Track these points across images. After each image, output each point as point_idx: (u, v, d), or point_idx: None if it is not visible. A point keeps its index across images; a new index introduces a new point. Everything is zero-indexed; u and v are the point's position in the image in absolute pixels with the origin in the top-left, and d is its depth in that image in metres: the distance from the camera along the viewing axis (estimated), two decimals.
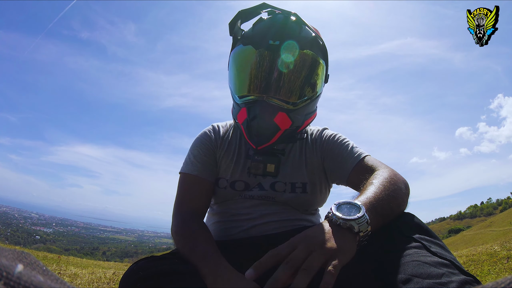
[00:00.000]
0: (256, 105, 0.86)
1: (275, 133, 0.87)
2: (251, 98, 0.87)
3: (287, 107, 0.87)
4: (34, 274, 0.29)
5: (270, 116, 0.86)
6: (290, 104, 0.87)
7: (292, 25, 0.88)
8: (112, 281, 2.20)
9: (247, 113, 0.87)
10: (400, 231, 0.67)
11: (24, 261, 0.32)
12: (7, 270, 0.26)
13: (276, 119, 0.86)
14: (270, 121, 0.86)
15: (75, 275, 2.37)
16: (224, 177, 0.97)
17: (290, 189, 0.95)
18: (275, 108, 0.86)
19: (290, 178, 0.95)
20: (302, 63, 0.87)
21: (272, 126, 0.86)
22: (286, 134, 0.90)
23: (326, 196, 1.05)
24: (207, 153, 0.99)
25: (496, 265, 2.70)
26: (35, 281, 0.27)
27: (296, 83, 0.87)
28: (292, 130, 0.91)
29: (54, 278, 0.32)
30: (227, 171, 0.97)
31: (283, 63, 0.84)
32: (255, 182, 0.95)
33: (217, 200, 0.98)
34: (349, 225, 0.60)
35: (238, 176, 0.96)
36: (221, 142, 1.01)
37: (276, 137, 0.88)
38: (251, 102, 0.87)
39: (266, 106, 0.86)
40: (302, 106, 0.89)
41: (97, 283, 2.08)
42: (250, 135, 0.88)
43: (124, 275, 0.71)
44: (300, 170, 0.97)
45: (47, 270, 0.33)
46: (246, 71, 0.88)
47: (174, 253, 0.82)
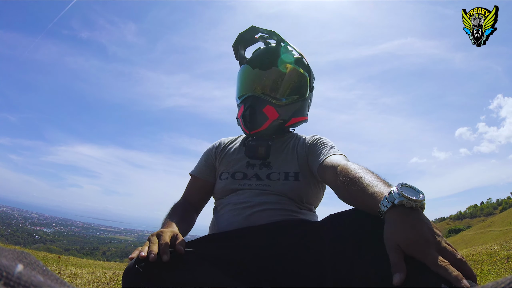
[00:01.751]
0: (250, 98, 1.12)
1: (264, 121, 1.10)
2: (246, 95, 1.14)
3: (274, 102, 1.12)
4: (34, 274, 0.29)
5: (260, 106, 1.10)
6: (276, 100, 1.12)
7: (280, 49, 1.20)
8: (112, 281, 2.20)
9: (243, 107, 1.12)
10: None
11: (24, 261, 0.32)
12: (7, 270, 0.26)
13: (265, 109, 1.10)
14: (260, 110, 1.10)
15: (75, 275, 2.37)
16: (226, 171, 1.17)
17: (284, 178, 1.09)
18: (263, 101, 1.11)
19: (284, 168, 1.11)
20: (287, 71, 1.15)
21: (262, 115, 1.10)
22: (275, 124, 1.13)
23: (320, 194, 1.15)
24: (207, 159, 1.25)
25: (496, 265, 2.70)
26: (35, 281, 0.27)
27: (280, 84, 1.15)
28: (280, 123, 1.14)
29: (54, 278, 0.33)
30: (229, 166, 1.17)
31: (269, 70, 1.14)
32: (252, 172, 1.12)
33: (221, 192, 1.12)
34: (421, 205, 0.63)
35: (238, 168, 1.15)
36: (223, 147, 1.26)
37: (266, 125, 1.11)
38: (246, 98, 1.13)
39: (257, 99, 1.11)
40: (288, 104, 1.14)
41: (97, 283, 2.08)
42: (245, 122, 1.11)
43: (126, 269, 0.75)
44: (293, 162, 1.13)
45: (47, 270, 0.33)
46: (245, 80, 1.19)
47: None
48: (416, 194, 0.64)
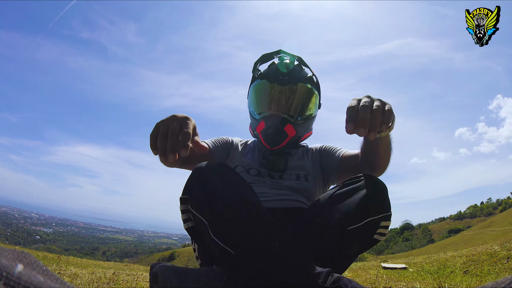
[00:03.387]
0: (272, 118, 1.24)
1: (284, 139, 1.24)
2: (267, 113, 1.25)
3: (293, 121, 1.24)
4: (34, 274, 0.29)
5: (281, 125, 1.23)
6: (294, 119, 1.24)
7: (296, 67, 1.28)
8: (112, 281, 2.20)
9: (265, 124, 1.24)
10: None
11: (24, 261, 0.32)
12: (7, 270, 0.26)
13: (286, 128, 1.23)
14: (281, 129, 1.23)
15: (75, 275, 2.37)
16: (241, 164, 1.27)
17: (295, 178, 1.22)
18: (284, 120, 1.23)
19: (295, 171, 1.25)
20: (302, 91, 1.25)
21: (283, 133, 1.23)
22: (292, 141, 1.28)
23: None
24: (222, 140, 1.32)
25: (496, 265, 2.70)
26: (35, 281, 0.27)
27: (298, 104, 1.25)
28: (296, 139, 1.29)
29: (54, 278, 0.32)
30: (243, 162, 1.28)
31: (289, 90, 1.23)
32: (266, 172, 1.23)
33: None
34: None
35: (253, 165, 1.26)
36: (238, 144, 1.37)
37: (285, 142, 1.25)
38: (268, 116, 1.25)
39: (279, 118, 1.23)
40: (303, 122, 1.28)
41: (97, 283, 2.08)
42: (267, 139, 1.25)
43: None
44: (303, 167, 1.27)
45: (47, 270, 0.33)
46: (263, 96, 1.27)
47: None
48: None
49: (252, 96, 1.32)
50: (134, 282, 2.19)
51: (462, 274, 2.58)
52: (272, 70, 1.29)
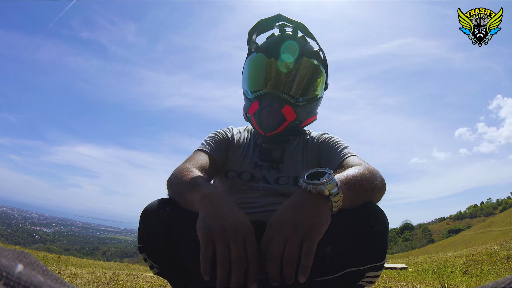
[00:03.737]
0: (267, 97, 1.02)
1: (282, 123, 1.02)
2: (262, 91, 1.03)
3: (293, 102, 1.02)
4: (34, 274, 0.29)
5: (278, 106, 1.01)
6: (295, 100, 1.03)
7: (299, 39, 1.07)
8: (112, 281, 2.20)
9: (259, 104, 1.03)
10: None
11: (24, 261, 0.32)
12: (7, 270, 0.26)
13: (284, 110, 1.01)
14: (278, 111, 1.01)
15: (75, 275, 2.37)
16: (233, 169, 1.08)
17: (292, 182, 1.03)
18: (282, 100, 1.01)
19: (293, 173, 1.05)
20: (306, 68, 1.04)
21: (280, 115, 1.01)
22: (291, 126, 1.05)
23: None
24: (221, 139, 1.13)
25: (496, 265, 2.70)
26: (35, 281, 0.27)
27: (300, 83, 1.04)
28: (296, 124, 1.06)
29: (54, 278, 0.32)
30: (236, 164, 1.09)
31: (290, 64, 1.01)
32: (260, 174, 1.05)
33: (227, 190, 1.06)
34: (319, 189, 0.63)
35: (245, 168, 1.07)
36: (233, 139, 1.16)
37: (283, 127, 1.03)
38: (263, 95, 1.03)
39: (276, 98, 1.01)
40: (305, 104, 1.06)
41: (97, 283, 2.08)
42: (260, 122, 1.03)
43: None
44: (302, 166, 1.07)
45: (47, 270, 0.33)
46: (258, 72, 1.06)
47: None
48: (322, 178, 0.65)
49: (246, 72, 1.10)
50: (134, 282, 2.19)
51: (462, 274, 2.57)
52: (270, 43, 1.08)
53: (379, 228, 0.69)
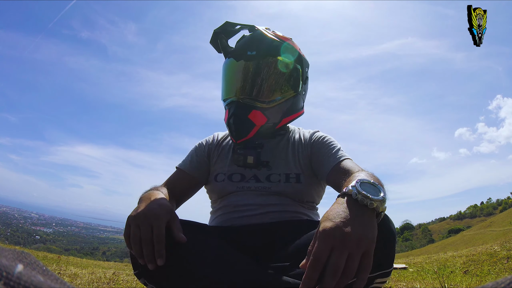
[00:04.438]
0: (233, 104, 1.01)
1: (251, 129, 1.00)
2: (230, 99, 1.03)
3: (260, 106, 0.99)
4: (34, 274, 0.29)
5: (244, 113, 0.99)
6: (262, 103, 0.99)
7: (265, 37, 1.03)
8: (112, 281, 2.20)
9: (228, 113, 1.03)
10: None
11: (24, 261, 0.32)
12: (7, 270, 0.26)
13: (251, 116, 0.99)
14: (244, 117, 0.99)
15: (75, 275, 2.37)
16: (221, 172, 1.08)
17: (284, 179, 1.02)
18: (248, 107, 0.99)
19: (284, 169, 1.04)
20: (273, 67, 1.00)
21: (247, 122, 0.99)
22: (264, 129, 1.02)
23: (321, 192, 1.11)
24: (199, 154, 1.14)
25: (496, 265, 2.70)
26: (35, 281, 0.27)
27: (267, 85, 1.00)
28: (269, 126, 1.03)
29: (54, 278, 0.32)
30: (224, 167, 1.08)
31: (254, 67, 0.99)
32: (251, 174, 1.04)
33: (219, 194, 1.06)
34: (376, 205, 0.62)
35: (235, 169, 1.06)
36: (217, 145, 1.16)
37: (253, 133, 1.01)
38: (230, 103, 1.03)
39: (242, 105, 1.00)
40: (278, 105, 1.02)
41: (97, 283, 2.08)
42: (230, 131, 1.03)
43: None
44: (294, 162, 1.06)
45: (47, 270, 0.33)
46: (229, 78, 1.04)
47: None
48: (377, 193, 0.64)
49: (221, 80, 1.08)
50: (134, 282, 2.19)
51: (462, 274, 2.57)
52: (239, 45, 1.06)
53: (388, 236, 0.69)
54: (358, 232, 0.58)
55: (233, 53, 1.04)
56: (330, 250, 0.57)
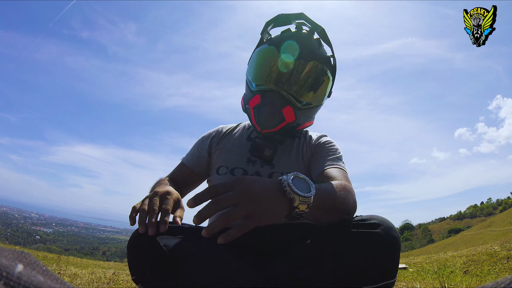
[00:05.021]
0: (271, 94, 0.99)
1: (280, 123, 1.00)
2: (267, 87, 1.00)
3: (296, 104, 1.00)
4: (34, 274, 0.29)
5: (280, 106, 0.99)
6: (298, 102, 1.00)
7: (314, 42, 1.04)
8: (112, 281, 2.20)
9: (261, 99, 1.00)
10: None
11: (24, 261, 0.32)
12: (7, 270, 0.26)
13: (285, 110, 0.99)
14: (279, 110, 0.99)
15: (75, 275, 2.37)
16: (224, 165, 1.07)
17: None
18: (285, 100, 0.99)
19: (287, 169, 1.04)
20: (315, 72, 1.01)
21: (280, 115, 0.99)
22: (288, 127, 1.03)
23: None
24: (201, 148, 1.16)
25: (496, 265, 2.70)
26: (35, 281, 0.27)
27: (307, 86, 1.01)
28: (292, 126, 1.04)
29: (54, 278, 0.32)
30: (227, 160, 1.08)
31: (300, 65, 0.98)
32: (253, 170, 1.04)
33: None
34: (292, 197, 0.64)
35: (238, 163, 1.06)
36: (221, 138, 1.16)
37: (280, 126, 1.01)
38: (267, 90, 1.00)
39: (279, 97, 0.99)
40: (307, 109, 1.03)
41: (97, 283, 2.08)
42: (259, 118, 1.01)
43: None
44: (297, 163, 1.07)
45: (47, 270, 0.33)
46: (266, 65, 1.02)
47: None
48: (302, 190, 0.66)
49: (253, 63, 1.06)
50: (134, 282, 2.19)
51: (462, 274, 2.58)
52: (284, 38, 1.03)
53: (393, 247, 0.69)
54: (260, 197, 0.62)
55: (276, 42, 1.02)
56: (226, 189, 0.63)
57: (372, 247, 0.68)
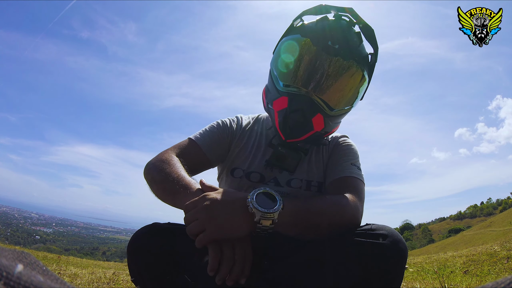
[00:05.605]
0: (300, 99, 0.86)
1: (307, 131, 0.89)
2: (297, 90, 0.87)
3: (327, 111, 0.88)
4: (34, 274, 0.29)
5: (311, 114, 0.86)
6: (330, 109, 0.88)
7: (354, 36, 0.89)
8: (112, 281, 2.20)
9: (289, 103, 0.87)
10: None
11: (24, 261, 0.32)
12: (7, 270, 0.26)
13: (314, 119, 0.87)
14: (308, 118, 0.86)
15: (75, 275, 2.37)
16: (240, 167, 0.99)
17: (305, 187, 0.96)
18: (316, 108, 0.87)
19: (307, 176, 0.97)
20: (352, 77, 0.88)
21: (309, 124, 0.87)
22: (316, 136, 0.92)
23: None
24: (222, 135, 1.01)
25: (496, 265, 2.70)
26: (35, 281, 0.27)
27: (342, 92, 0.89)
28: (320, 134, 0.93)
29: (54, 278, 0.32)
30: (245, 162, 0.99)
31: (337, 69, 0.85)
32: (271, 175, 0.97)
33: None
34: (253, 212, 0.67)
35: (255, 167, 0.98)
36: (242, 133, 1.04)
37: (307, 135, 0.90)
38: (296, 94, 0.87)
39: (310, 103, 0.86)
40: (337, 115, 0.92)
41: (97, 283, 2.08)
42: (285, 125, 0.88)
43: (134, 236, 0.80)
44: (318, 169, 0.99)
45: (47, 270, 0.33)
46: (298, 62, 0.87)
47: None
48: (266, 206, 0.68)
49: (281, 56, 0.91)
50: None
51: (462, 274, 2.57)
52: (321, 28, 0.88)
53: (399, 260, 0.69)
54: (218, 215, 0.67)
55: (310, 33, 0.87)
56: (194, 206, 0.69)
57: (377, 258, 0.67)
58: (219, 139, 1.00)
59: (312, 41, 0.85)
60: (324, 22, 0.89)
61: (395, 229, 0.72)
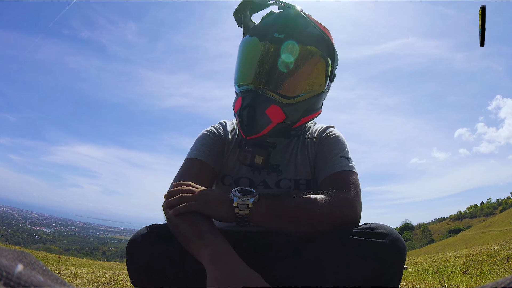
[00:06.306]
0: (250, 94, 0.86)
1: (266, 125, 0.86)
2: (247, 87, 0.87)
3: (282, 101, 0.86)
4: (34, 274, 0.29)
5: (262, 107, 0.85)
6: (284, 98, 0.86)
7: (299, 20, 0.89)
8: (112, 281, 2.20)
9: (241, 102, 0.87)
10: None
11: (24, 261, 0.32)
12: (7, 270, 0.26)
13: (268, 111, 0.85)
14: (261, 112, 0.85)
15: (75, 275, 2.37)
16: (229, 174, 0.99)
17: (294, 186, 0.96)
18: (268, 100, 0.85)
19: (294, 174, 0.96)
20: (303, 59, 0.86)
21: (263, 117, 0.85)
22: (279, 128, 0.89)
23: None
24: (215, 143, 1.00)
25: (496, 265, 2.70)
26: (35, 281, 0.27)
27: (293, 78, 0.86)
28: (286, 125, 0.90)
29: (54, 278, 0.32)
30: (233, 169, 0.99)
31: (284, 57, 0.84)
32: (260, 179, 0.96)
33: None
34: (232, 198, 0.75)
35: (243, 172, 0.98)
36: (226, 136, 1.04)
37: (267, 130, 0.87)
38: (246, 91, 0.87)
39: (260, 96, 0.85)
40: (300, 102, 0.88)
41: (97, 283, 2.08)
42: (241, 124, 0.88)
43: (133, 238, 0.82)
44: (304, 167, 0.97)
45: (47, 270, 0.33)
46: (248, 61, 0.90)
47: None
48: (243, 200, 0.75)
49: (237, 59, 0.94)
50: None
51: (462, 274, 2.58)
52: (266, 23, 0.90)
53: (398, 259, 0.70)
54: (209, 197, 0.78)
55: (257, 30, 0.89)
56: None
57: (376, 257, 0.68)
58: (216, 149, 0.99)
59: (258, 38, 0.87)
60: (268, 17, 0.92)
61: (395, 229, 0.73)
